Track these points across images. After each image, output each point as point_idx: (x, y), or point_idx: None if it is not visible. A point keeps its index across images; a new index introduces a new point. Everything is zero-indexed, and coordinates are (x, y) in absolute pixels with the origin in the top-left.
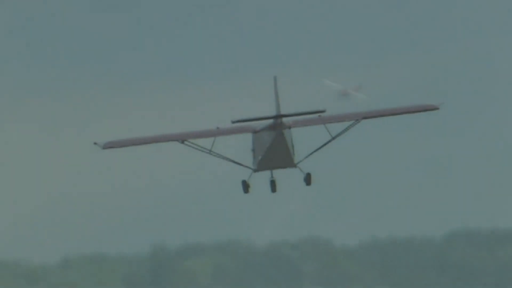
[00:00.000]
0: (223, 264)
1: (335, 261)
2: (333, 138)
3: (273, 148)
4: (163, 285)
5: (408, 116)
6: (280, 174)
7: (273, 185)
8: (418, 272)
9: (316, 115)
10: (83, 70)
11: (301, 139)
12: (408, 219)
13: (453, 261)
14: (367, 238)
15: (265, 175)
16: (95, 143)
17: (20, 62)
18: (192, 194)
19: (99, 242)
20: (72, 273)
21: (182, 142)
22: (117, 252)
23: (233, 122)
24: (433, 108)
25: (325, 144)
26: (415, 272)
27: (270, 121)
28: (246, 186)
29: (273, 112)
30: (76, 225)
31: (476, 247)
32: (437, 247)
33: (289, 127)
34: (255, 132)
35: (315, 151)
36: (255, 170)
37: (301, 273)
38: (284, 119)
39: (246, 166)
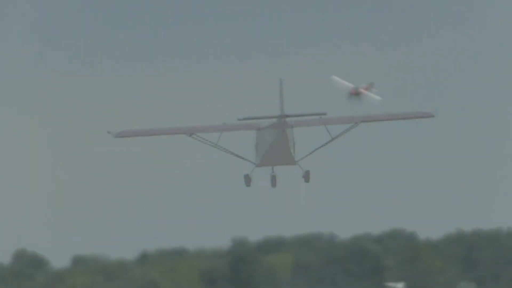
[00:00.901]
0: (304, 258)
1: (418, 255)
2: (333, 139)
3: (275, 145)
4: (243, 280)
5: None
6: (280, 171)
7: (273, 180)
8: (503, 265)
9: (317, 117)
10: (97, 63)
11: (303, 139)
12: (493, 211)
13: None
14: (452, 231)
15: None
16: (108, 132)
17: (36, 51)
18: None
19: (178, 237)
20: (150, 268)
21: (190, 135)
22: (196, 247)
23: (239, 119)
24: (428, 116)
25: (325, 144)
26: (500, 266)
27: (274, 120)
28: (248, 180)
29: (277, 112)
30: (155, 219)
31: None
32: None
33: (291, 127)
34: (259, 129)
35: (315, 150)
36: (258, 165)
37: (383, 267)
38: (287, 119)
39: (249, 161)
